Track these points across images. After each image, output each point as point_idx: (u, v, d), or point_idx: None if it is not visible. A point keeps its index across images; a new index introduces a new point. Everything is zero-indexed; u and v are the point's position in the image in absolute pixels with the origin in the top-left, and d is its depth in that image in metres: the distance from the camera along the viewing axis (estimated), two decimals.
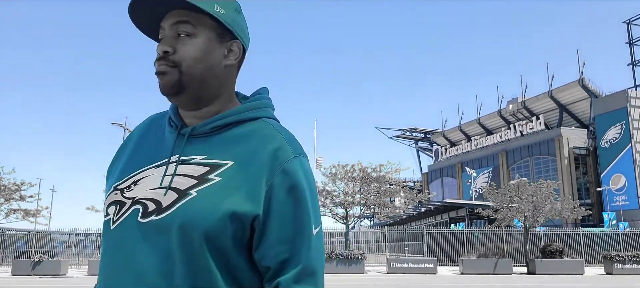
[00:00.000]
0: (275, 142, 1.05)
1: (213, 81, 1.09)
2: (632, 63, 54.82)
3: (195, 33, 1.06)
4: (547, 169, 54.66)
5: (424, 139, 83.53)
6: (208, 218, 0.97)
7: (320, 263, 1.06)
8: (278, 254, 1.01)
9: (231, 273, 1.01)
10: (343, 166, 24.99)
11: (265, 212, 1.01)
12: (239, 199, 0.99)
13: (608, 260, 23.52)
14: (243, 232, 1.01)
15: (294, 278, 1.01)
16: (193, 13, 1.06)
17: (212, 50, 1.08)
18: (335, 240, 29.24)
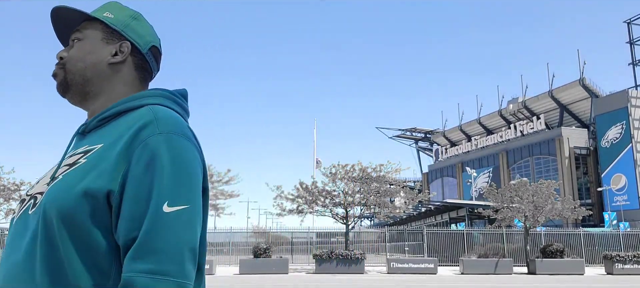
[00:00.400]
0: (143, 120, 1.06)
1: (96, 77, 1.19)
2: (633, 63, 54.77)
3: (83, 38, 1.20)
4: (547, 169, 54.61)
5: (424, 139, 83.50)
6: (63, 197, 1.00)
7: (168, 243, 0.96)
8: (129, 231, 0.97)
9: (90, 255, 0.99)
10: (343, 166, 24.97)
11: (121, 189, 1.00)
12: (93, 177, 1.01)
13: (608, 260, 23.49)
14: (99, 209, 1.00)
15: (132, 255, 0.95)
16: (86, 22, 1.22)
17: (96, 50, 1.20)
18: (335, 240, 29.23)
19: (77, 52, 1.19)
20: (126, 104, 1.14)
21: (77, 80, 1.18)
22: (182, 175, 1.01)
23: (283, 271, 22.35)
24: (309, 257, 25.94)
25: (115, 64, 1.20)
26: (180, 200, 0.99)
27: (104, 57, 1.20)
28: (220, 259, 26.95)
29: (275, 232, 33.85)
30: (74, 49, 1.20)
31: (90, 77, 1.18)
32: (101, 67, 1.19)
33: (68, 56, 1.20)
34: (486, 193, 28.08)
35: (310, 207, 24.95)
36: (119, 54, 1.21)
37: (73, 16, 1.21)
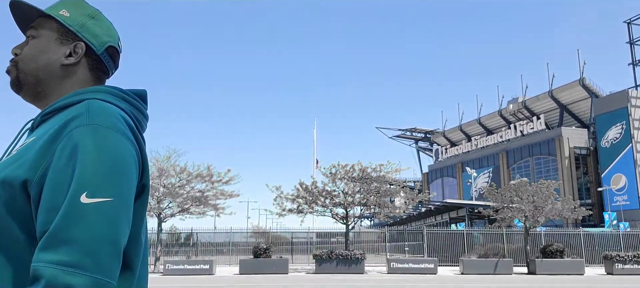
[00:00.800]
0: (74, 113, 1.04)
1: (48, 78, 1.17)
2: (633, 63, 54.77)
3: (38, 35, 1.18)
4: (547, 169, 54.61)
5: (424, 139, 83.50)
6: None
7: (83, 234, 0.90)
8: (45, 222, 0.92)
9: (8, 245, 0.97)
10: (343, 166, 24.97)
11: (42, 179, 0.96)
12: (14, 167, 0.99)
13: (608, 261, 23.48)
14: (15, 198, 0.97)
15: (43, 245, 0.90)
16: (41, 19, 1.19)
17: (49, 50, 1.17)
18: (335, 240, 29.25)
19: (30, 50, 1.17)
20: (67, 99, 1.11)
21: (29, 80, 1.16)
22: (107, 167, 0.96)
23: (283, 271, 22.35)
24: (309, 257, 25.97)
25: (68, 66, 1.18)
26: (101, 192, 0.94)
27: (58, 58, 1.17)
28: (220, 259, 26.96)
29: (275, 232, 33.87)
30: (28, 47, 1.17)
31: (42, 77, 1.16)
32: (54, 68, 1.17)
33: (21, 54, 1.17)
34: (486, 193, 28.08)
35: (310, 207, 24.95)
36: (73, 55, 1.18)
37: (30, 11, 1.18)
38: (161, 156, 24.40)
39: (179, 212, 24.34)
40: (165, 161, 24.23)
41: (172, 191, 23.77)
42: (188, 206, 24.15)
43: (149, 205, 21.13)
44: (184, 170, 24.31)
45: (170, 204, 24.18)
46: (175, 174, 24.23)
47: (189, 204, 24.12)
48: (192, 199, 24.21)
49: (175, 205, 24.23)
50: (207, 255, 26.55)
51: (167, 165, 24.14)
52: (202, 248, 28.27)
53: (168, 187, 23.92)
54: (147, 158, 1.10)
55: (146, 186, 1.08)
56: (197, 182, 24.66)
